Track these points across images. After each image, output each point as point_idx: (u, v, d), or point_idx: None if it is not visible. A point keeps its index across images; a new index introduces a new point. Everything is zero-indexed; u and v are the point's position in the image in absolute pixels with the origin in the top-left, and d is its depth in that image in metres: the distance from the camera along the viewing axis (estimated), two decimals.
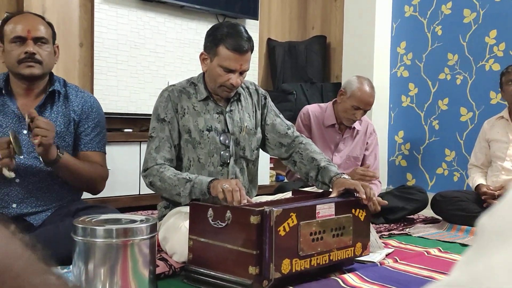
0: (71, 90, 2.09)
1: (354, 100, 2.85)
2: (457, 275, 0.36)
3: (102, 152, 2.13)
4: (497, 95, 3.61)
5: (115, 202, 2.96)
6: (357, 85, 2.87)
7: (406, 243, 2.49)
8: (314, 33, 4.75)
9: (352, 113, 2.87)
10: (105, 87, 3.42)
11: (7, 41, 1.96)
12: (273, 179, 4.07)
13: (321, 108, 3.05)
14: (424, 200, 3.01)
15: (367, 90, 2.86)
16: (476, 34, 3.76)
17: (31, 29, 1.95)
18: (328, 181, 2.05)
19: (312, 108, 3.05)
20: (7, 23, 1.98)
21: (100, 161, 2.11)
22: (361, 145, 3.09)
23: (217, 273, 1.69)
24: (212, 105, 2.15)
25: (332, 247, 1.81)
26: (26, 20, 1.99)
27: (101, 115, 2.15)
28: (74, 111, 2.06)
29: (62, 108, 2.04)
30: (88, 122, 2.08)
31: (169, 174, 2.00)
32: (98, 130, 2.11)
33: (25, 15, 2.03)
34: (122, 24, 3.50)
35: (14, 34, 1.94)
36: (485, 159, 3.09)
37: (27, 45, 1.94)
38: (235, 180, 1.83)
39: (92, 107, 2.10)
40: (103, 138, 2.14)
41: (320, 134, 2.99)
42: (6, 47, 1.97)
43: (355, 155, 3.06)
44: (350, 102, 2.86)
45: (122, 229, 1.54)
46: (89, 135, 2.08)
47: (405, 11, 4.18)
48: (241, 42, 2.03)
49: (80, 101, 2.08)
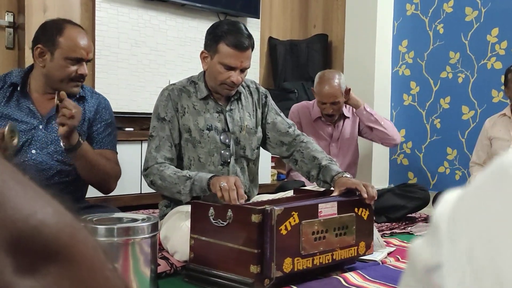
0: (86, 91, 2.11)
1: (318, 97, 3.04)
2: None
3: (114, 151, 2.14)
4: (499, 94, 3.60)
5: (117, 201, 2.96)
6: (317, 82, 3.05)
7: (408, 242, 2.49)
8: (315, 31, 4.74)
9: (323, 108, 3.04)
10: (106, 85, 3.41)
11: (61, 55, 1.93)
12: (274, 178, 4.06)
13: (308, 104, 3.23)
14: (425, 198, 3.01)
15: (325, 85, 3.00)
16: (478, 32, 3.75)
17: (89, 51, 1.98)
18: (330, 180, 2.04)
19: (298, 105, 3.26)
20: (63, 34, 1.94)
21: (114, 159, 2.12)
22: (353, 126, 3.21)
23: (218, 272, 1.69)
24: (212, 104, 2.14)
25: (335, 246, 1.81)
26: (84, 38, 1.98)
27: (112, 116, 2.17)
28: (90, 111, 2.07)
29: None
30: (101, 121, 2.10)
31: (169, 172, 1.99)
32: (110, 130, 2.12)
33: (81, 32, 2.01)
34: (123, 22, 3.49)
35: (74, 55, 1.93)
36: (487, 157, 3.08)
37: (82, 66, 1.95)
38: (233, 178, 1.83)
39: (105, 107, 2.12)
40: (114, 138, 2.15)
41: (311, 128, 3.10)
42: (57, 59, 1.93)
43: (349, 137, 3.19)
44: (317, 99, 3.06)
45: (123, 228, 1.54)
46: (101, 134, 2.09)
47: (406, 9, 4.17)
48: (242, 39, 2.03)
49: (95, 102, 2.10)
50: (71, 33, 1.96)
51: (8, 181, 0.32)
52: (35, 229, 0.32)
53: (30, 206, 0.32)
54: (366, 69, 4.12)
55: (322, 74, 3.07)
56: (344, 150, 3.17)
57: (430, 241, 0.39)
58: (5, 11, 3.19)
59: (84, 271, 0.34)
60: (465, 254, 0.35)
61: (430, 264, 0.38)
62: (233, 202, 1.72)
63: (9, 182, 0.32)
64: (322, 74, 3.07)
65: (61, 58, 1.92)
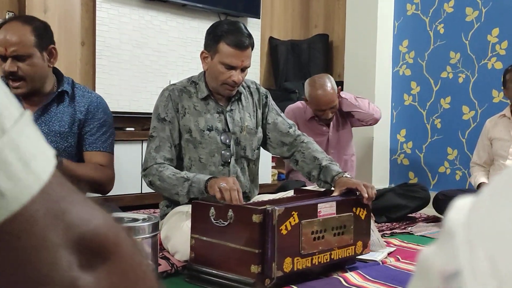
0: (78, 91, 2.07)
1: (314, 105, 2.98)
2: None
3: (107, 152, 2.10)
4: (500, 94, 3.60)
5: (117, 200, 2.96)
6: (309, 91, 2.96)
7: (408, 242, 2.49)
8: (316, 31, 4.74)
9: (322, 114, 3.00)
10: (107, 86, 3.42)
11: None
12: (275, 178, 4.07)
13: (302, 105, 3.18)
14: (426, 197, 3.01)
15: (319, 92, 2.92)
16: (479, 33, 3.75)
17: (7, 46, 1.86)
18: (330, 180, 2.05)
19: (292, 106, 3.23)
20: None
21: (105, 161, 2.08)
22: (346, 117, 3.18)
23: (219, 271, 1.70)
24: (212, 104, 2.15)
25: (333, 246, 1.81)
26: (3, 34, 1.88)
27: (108, 115, 2.12)
28: (80, 111, 2.03)
29: (67, 108, 2.02)
30: (94, 122, 2.06)
31: (168, 173, 1.99)
32: (104, 130, 2.08)
33: (5, 28, 1.91)
34: (124, 23, 3.50)
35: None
36: (487, 158, 3.09)
37: (6, 64, 1.87)
38: (232, 178, 1.83)
39: (98, 107, 2.07)
40: (109, 138, 2.11)
41: (307, 128, 3.07)
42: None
43: (344, 129, 3.18)
44: (312, 107, 3.00)
45: (124, 227, 1.54)
46: (94, 135, 2.06)
47: (407, 9, 4.17)
48: (242, 38, 2.03)
49: (86, 101, 2.05)
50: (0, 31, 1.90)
51: (71, 193, 0.40)
52: (93, 231, 0.39)
53: (88, 214, 0.40)
54: (366, 69, 4.12)
55: (312, 82, 2.96)
56: (342, 143, 3.18)
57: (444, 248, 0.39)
58: (6, 11, 3.20)
59: (128, 266, 0.42)
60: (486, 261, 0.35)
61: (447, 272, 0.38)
62: (235, 202, 1.72)
63: (72, 194, 0.40)
64: (312, 82, 2.96)
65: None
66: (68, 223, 0.38)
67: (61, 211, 0.38)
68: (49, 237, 0.37)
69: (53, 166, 0.40)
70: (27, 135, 0.38)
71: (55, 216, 0.38)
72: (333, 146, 3.15)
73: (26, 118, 0.39)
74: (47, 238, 0.37)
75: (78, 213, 0.39)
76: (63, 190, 0.40)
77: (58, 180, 0.40)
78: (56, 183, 0.39)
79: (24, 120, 0.39)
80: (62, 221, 0.38)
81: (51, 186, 0.38)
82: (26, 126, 0.39)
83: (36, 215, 0.37)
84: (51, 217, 0.38)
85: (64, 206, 0.39)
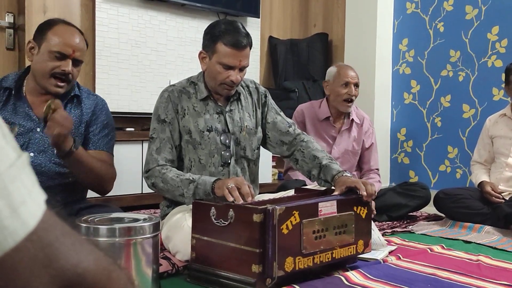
0: (83, 93, 2.10)
1: (340, 79, 3.02)
2: None
3: (109, 153, 2.12)
4: (500, 92, 3.60)
5: (118, 201, 2.96)
6: (335, 68, 3.09)
7: (409, 240, 2.49)
8: (316, 30, 4.74)
9: (345, 92, 3.00)
10: (106, 86, 3.42)
11: (46, 48, 1.92)
12: (275, 178, 4.06)
13: (313, 104, 3.17)
14: (426, 196, 3.01)
15: (347, 68, 3.08)
16: (478, 31, 3.75)
17: (76, 50, 1.94)
18: (331, 179, 2.04)
19: (304, 105, 3.20)
20: (53, 30, 1.94)
21: (108, 160, 2.10)
22: (358, 139, 3.13)
23: (220, 271, 1.69)
24: (212, 105, 2.14)
25: (334, 245, 1.81)
26: (74, 37, 1.96)
27: (110, 118, 2.15)
28: (87, 113, 2.06)
29: (75, 110, 2.04)
30: (97, 123, 2.08)
31: (172, 175, 1.99)
32: (106, 132, 2.10)
33: (73, 31, 1.99)
34: (123, 23, 3.50)
35: (57, 49, 1.91)
36: (488, 156, 3.08)
37: (66, 64, 1.92)
38: (240, 178, 1.83)
39: (102, 109, 2.11)
40: (111, 140, 2.13)
41: (316, 129, 3.06)
42: (42, 52, 1.93)
43: (352, 149, 3.11)
44: (337, 83, 3.03)
45: (125, 228, 1.54)
46: (97, 135, 2.07)
47: (407, 8, 4.17)
48: (239, 38, 2.02)
49: (92, 103, 2.08)
50: (60, 29, 1.95)
51: (59, 237, 0.40)
52: (81, 276, 0.40)
53: (77, 256, 0.41)
54: (366, 67, 4.12)
55: (337, 64, 3.17)
56: (346, 158, 3.10)
57: None
58: (5, 12, 3.20)
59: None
60: None
61: None
62: (247, 197, 1.73)
63: (60, 238, 0.40)
64: (337, 64, 3.17)
65: (46, 52, 1.92)
66: (55, 270, 0.38)
67: (47, 259, 0.38)
68: (34, 285, 0.37)
69: (43, 211, 0.39)
70: (20, 179, 0.38)
71: (42, 264, 0.38)
72: (335, 156, 3.09)
73: (23, 161, 0.39)
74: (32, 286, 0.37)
75: (66, 258, 0.39)
76: (52, 234, 0.40)
77: (48, 224, 0.39)
78: (45, 228, 0.39)
79: (19, 164, 0.38)
80: (48, 268, 0.38)
81: (39, 232, 0.38)
82: (20, 170, 0.38)
83: (20, 263, 0.37)
84: (38, 266, 0.38)
85: (51, 252, 0.39)
